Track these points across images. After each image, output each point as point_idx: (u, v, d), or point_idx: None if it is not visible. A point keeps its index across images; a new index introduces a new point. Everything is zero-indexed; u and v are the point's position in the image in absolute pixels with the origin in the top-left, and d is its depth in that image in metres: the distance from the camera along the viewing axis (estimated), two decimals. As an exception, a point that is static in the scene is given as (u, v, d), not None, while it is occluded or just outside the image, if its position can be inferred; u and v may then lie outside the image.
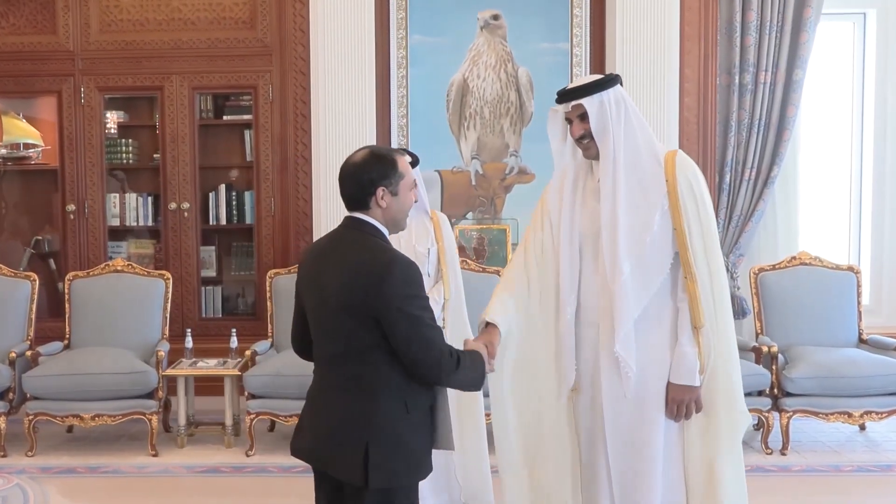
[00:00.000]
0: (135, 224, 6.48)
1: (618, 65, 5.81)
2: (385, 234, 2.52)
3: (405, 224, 2.60)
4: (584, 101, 2.79)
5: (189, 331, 5.51)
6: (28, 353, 5.17)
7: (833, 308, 5.37)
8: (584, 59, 6.14)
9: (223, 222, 6.46)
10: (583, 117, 2.81)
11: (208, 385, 5.47)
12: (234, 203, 6.44)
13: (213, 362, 5.27)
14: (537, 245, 2.99)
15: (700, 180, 2.84)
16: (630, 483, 2.82)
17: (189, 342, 5.38)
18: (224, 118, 6.52)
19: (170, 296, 5.52)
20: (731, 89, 6.01)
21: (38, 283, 5.52)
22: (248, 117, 6.34)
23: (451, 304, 3.87)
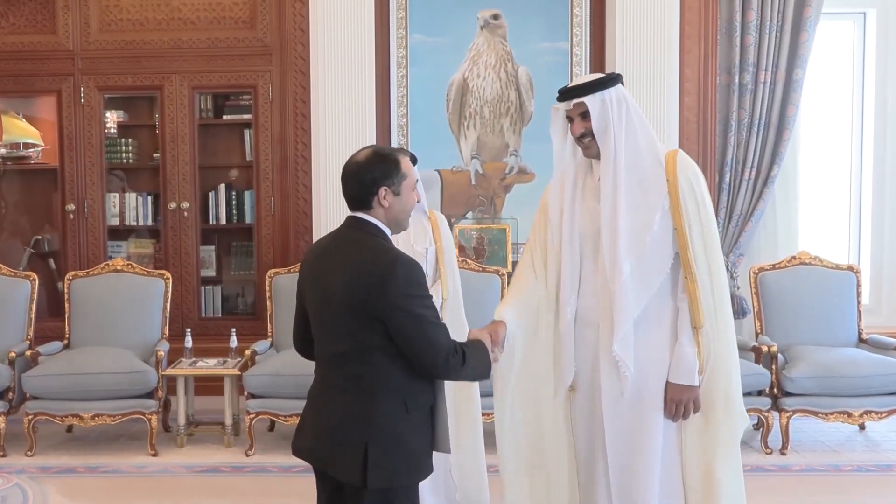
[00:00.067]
0: (134, 224, 6.48)
1: (618, 64, 5.80)
2: (387, 233, 2.52)
3: (407, 224, 2.60)
4: (586, 99, 2.79)
5: (189, 330, 5.51)
6: (28, 352, 5.16)
7: (833, 308, 5.37)
8: (584, 59, 6.14)
9: (223, 222, 6.45)
10: (584, 115, 2.81)
11: (208, 385, 5.47)
12: (233, 203, 6.44)
13: (213, 362, 5.27)
14: (541, 246, 2.99)
15: (700, 180, 2.83)
16: (628, 482, 2.82)
17: (189, 342, 5.38)
18: (224, 118, 6.52)
19: (169, 295, 5.52)
20: (731, 89, 6.01)
21: (37, 282, 5.52)
22: (247, 117, 6.34)
23: (449, 304, 3.84)
